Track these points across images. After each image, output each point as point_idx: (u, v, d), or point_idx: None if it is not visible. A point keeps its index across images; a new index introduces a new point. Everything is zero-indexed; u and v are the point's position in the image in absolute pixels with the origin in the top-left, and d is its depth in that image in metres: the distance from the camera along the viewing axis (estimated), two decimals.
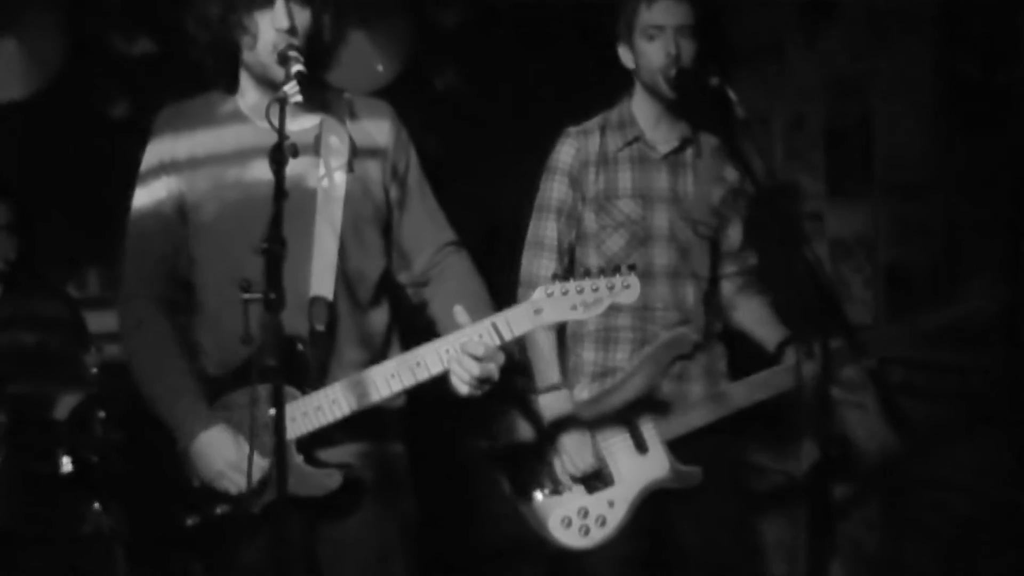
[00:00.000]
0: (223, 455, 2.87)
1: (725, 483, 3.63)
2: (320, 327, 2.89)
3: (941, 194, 4.45)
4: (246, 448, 2.80)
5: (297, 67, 2.78)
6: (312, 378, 2.88)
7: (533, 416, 3.60)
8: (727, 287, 3.75)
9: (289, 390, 2.81)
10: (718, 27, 4.80)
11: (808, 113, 5.10)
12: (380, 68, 5.22)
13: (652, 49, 3.51)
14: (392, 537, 3.05)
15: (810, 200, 5.00)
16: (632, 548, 3.57)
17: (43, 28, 5.10)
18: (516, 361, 3.38)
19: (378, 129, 3.04)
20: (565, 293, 2.80)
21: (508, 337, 2.82)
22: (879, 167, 4.74)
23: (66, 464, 4.03)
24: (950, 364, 4.35)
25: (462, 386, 2.82)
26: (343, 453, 2.94)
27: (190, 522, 2.92)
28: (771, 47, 5.29)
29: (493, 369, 2.81)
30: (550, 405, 3.55)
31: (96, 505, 4.15)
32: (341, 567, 3.00)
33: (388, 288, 3.10)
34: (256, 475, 2.74)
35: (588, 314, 2.80)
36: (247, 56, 2.90)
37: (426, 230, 3.10)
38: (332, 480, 2.88)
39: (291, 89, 2.77)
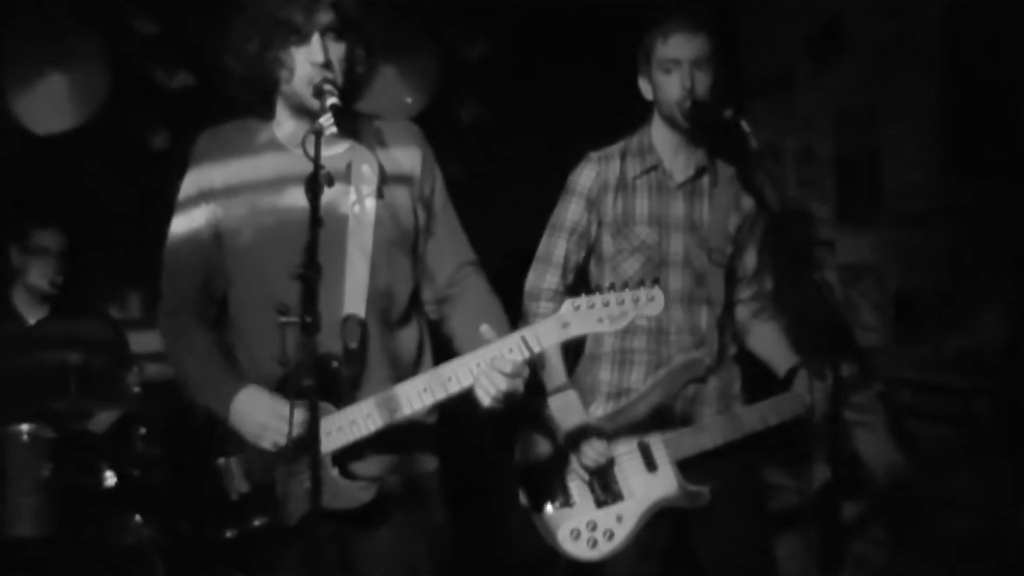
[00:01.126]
0: (261, 409, 2.86)
1: (742, 501, 3.60)
2: (353, 345, 2.90)
3: (947, 222, 4.45)
4: (282, 403, 2.81)
5: (332, 100, 2.79)
6: (345, 394, 2.89)
7: (547, 431, 3.60)
8: (742, 312, 3.75)
9: (324, 405, 2.81)
10: (733, 60, 4.82)
11: (818, 143, 5.11)
12: (408, 100, 5.26)
13: (669, 82, 3.52)
14: (422, 550, 3.04)
15: (821, 227, 5.00)
16: (649, 566, 3.58)
17: (88, 63, 5.16)
18: (532, 381, 3.39)
19: (406, 154, 3.05)
20: (592, 307, 2.81)
21: (537, 350, 2.82)
22: (887, 196, 4.75)
23: (108, 478, 4.05)
24: (955, 388, 4.35)
25: (486, 399, 2.82)
26: (376, 467, 2.95)
27: (229, 534, 2.92)
28: (781, 79, 5.30)
29: (519, 384, 2.81)
30: (560, 407, 3.55)
31: (137, 517, 4.18)
32: (378, 564, 2.98)
33: (418, 307, 3.11)
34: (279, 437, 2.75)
35: (614, 327, 2.81)
36: (284, 88, 2.92)
37: (448, 250, 3.11)
38: (366, 493, 2.89)
39: (326, 121, 2.77)
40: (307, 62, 2.85)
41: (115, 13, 5.21)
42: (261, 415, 2.87)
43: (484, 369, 2.80)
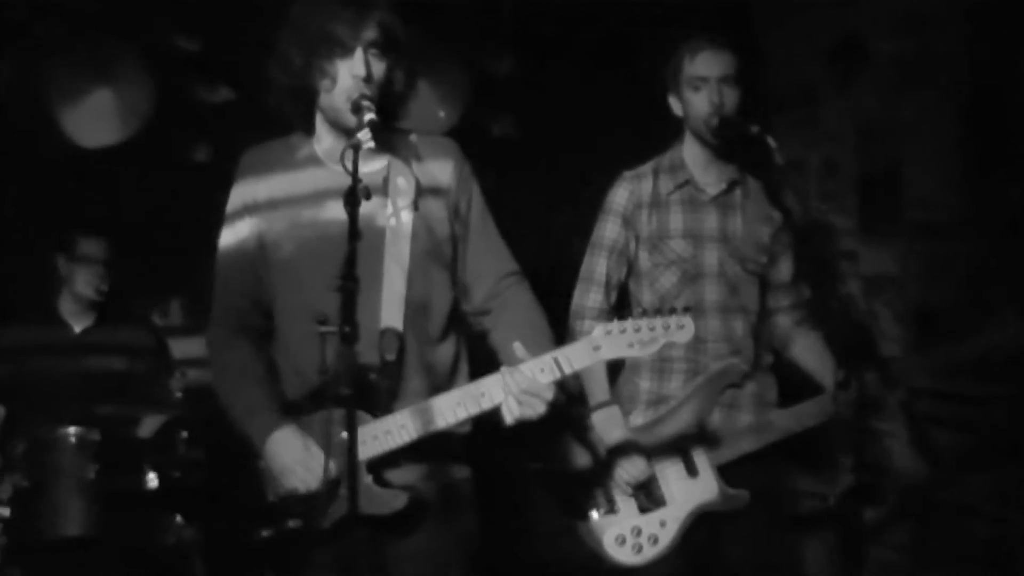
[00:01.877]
0: (292, 452, 2.89)
1: (772, 507, 3.63)
2: (390, 357, 2.92)
3: (967, 234, 4.44)
4: (315, 450, 2.85)
5: (370, 115, 2.81)
6: (382, 404, 2.91)
7: (588, 441, 3.63)
8: (784, 321, 3.75)
9: (361, 414, 2.84)
10: (757, 76, 4.82)
11: (840, 157, 5.10)
12: (441, 114, 5.29)
13: (697, 99, 3.54)
14: (453, 557, 3.04)
15: (844, 239, 4.99)
16: (683, 569, 3.58)
17: (133, 78, 5.22)
18: (573, 392, 3.41)
19: (442, 168, 3.06)
20: (623, 331, 2.82)
21: (568, 371, 2.82)
22: (909, 208, 4.74)
23: (151, 480, 4.08)
24: (973, 395, 4.33)
25: (509, 417, 2.84)
26: (410, 475, 2.96)
27: (264, 534, 2.95)
28: (804, 95, 5.30)
29: (543, 407, 2.81)
30: (602, 421, 3.59)
31: (178, 518, 4.21)
32: (413, 562, 2.98)
33: (456, 320, 3.11)
34: (325, 488, 2.78)
35: (644, 352, 2.81)
36: (323, 100, 2.94)
37: (487, 262, 3.10)
38: (398, 500, 2.91)
39: (364, 136, 2.80)
40: (349, 75, 2.86)
41: (158, 31, 5.26)
42: (288, 459, 2.89)
43: (512, 389, 2.81)
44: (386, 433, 2.88)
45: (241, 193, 3.04)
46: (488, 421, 2.95)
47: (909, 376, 3.61)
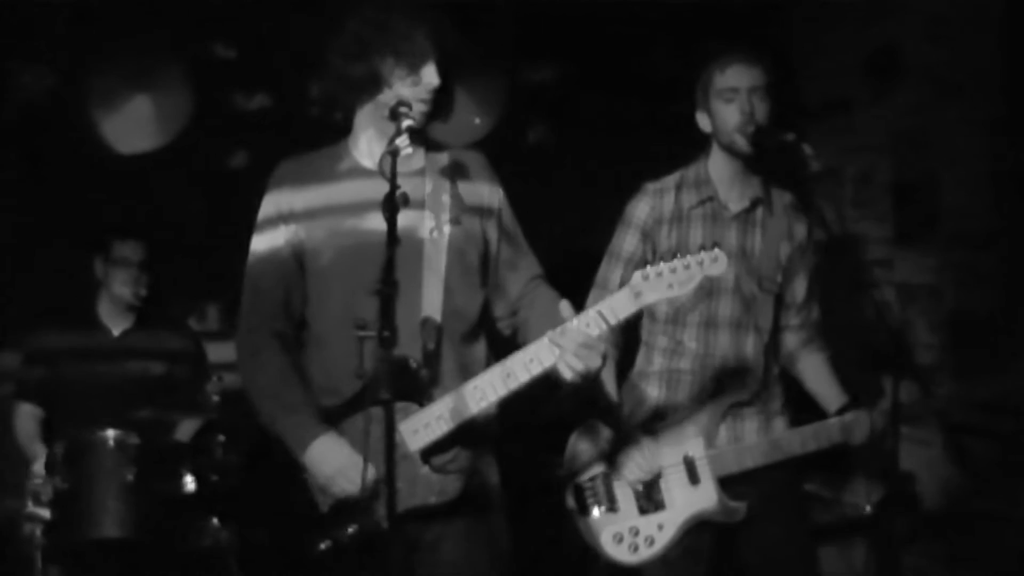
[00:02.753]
0: (334, 459, 2.90)
1: (784, 510, 3.63)
2: (431, 346, 2.94)
3: (1002, 243, 4.42)
4: (357, 457, 2.85)
5: (408, 122, 2.84)
6: (427, 393, 2.93)
7: (596, 441, 3.64)
8: (791, 339, 3.74)
9: (407, 405, 2.87)
10: (791, 86, 4.82)
11: (875, 167, 5.09)
12: (477, 121, 5.31)
13: (728, 111, 3.52)
14: (485, 563, 3.06)
15: (878, 247, 4.98)
16: (694, 572, 3.60)
17: (171, 86, 5.26)
18: (587, 395, 3.42)
19: (477, 182, 3.11)
20: (659, 275, 2.84)
21: (613, 322, 2.84)
22: (943, 218, 4.72)
23: (188, 483, 4.09)
24: (1007, 406, 4.32)
25: (568, 373, 2.83)
26: (462, 461, 2.98)
27: (323, 546, 2.94)
28: (839, 104, 5.29)
29: (598, 358, 2.82)
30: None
31: (214, 521, 4.23)
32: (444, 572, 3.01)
33: (486, 327, 3.15)
34: (369, 493, 2.79)
35: (683, 290, 2.85)
36: (371, 106, 2.97)
37: (520, 268, 3.16)
38: (454, 486, 2.92)
39: (402, 142, 2.82)
40: (411, 84, 2.90)
41: (196, 39, 5.30)
42: (332, 468, 2.89)
43: (565, 345, 2.81)
44: (437, 419, 2.90)
45: (276, 202, 3.06)
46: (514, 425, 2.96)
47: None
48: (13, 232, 5.11)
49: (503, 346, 3.12)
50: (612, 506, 3.59)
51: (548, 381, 2.90)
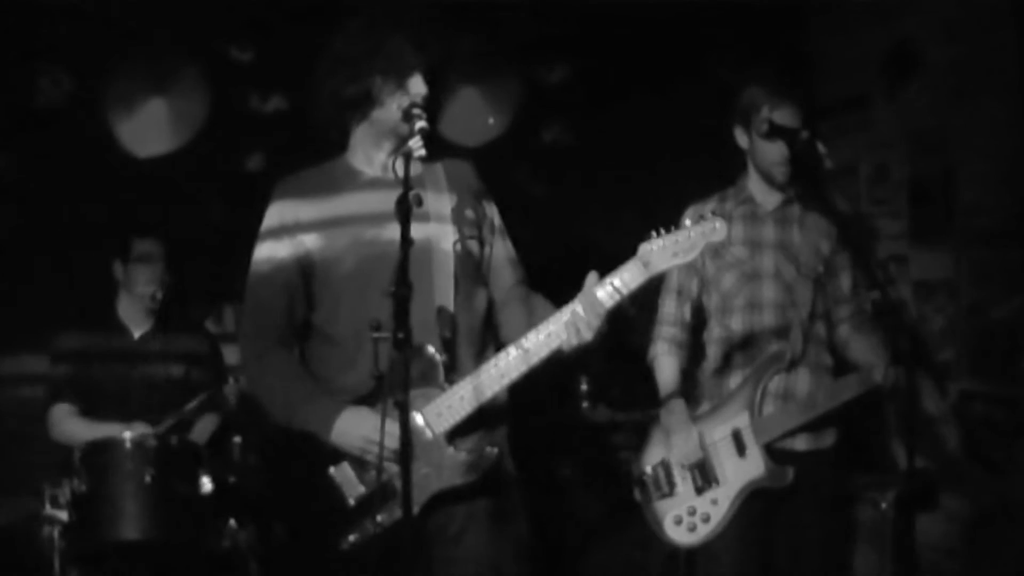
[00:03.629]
0: (363, 424, 2.91)
1: (824, 510, 3.82)
2: (447, 334, 2.99)
3: (1019, 240, 4.40)
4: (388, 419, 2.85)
5: (421, 123, 2.91)
6: (447, 377, 2.96)
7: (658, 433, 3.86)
8: (844, 330, 3.88)
9: (429, 391, 2.93)
10: (808, 84, 4.81)
11: (891, 163, 5.08)
12: (491, 120, 5.31)
13: (771, 149, 3.71)
14: (507, 556, 3.08)
15: (894, 244, 4.97)
16: (753, 556, 3.76)
17: (187, 89, 5.28)
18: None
19: (470, 192, 3.17)
20: (664, 246, 2.94)
21: (626, 293, 2.92)
22: (960, 214, 4.70)
23: (206, 484, 4.09)
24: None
25: (575, 339, 2.90)
26: (486, 440, 3.01)
27: (352, 539, 2.96)
28: (855, 101, 5.28)
29: (592, 332, 2.90)
30: (668, 411, 3.83)
31: (232, 522, 4.23)
32: (462, 571, 3.04)
33: (492, 328, 3.19)
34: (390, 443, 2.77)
35: (688, 258, 2.96)
36: (386, 115, 2.99)
37: (507, 272, 3.22)
38: (486, 461, 2.96)
39: (415, 144, 2.85)
40: (407, 94, 2.96)
41: (212, 41, 5.31)
42: (364, 432, 2.91)
43: (579, 314, 2.89)
44: (460, 399, 2.95)
45: (280, 213, 3.10)
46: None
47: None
48: (30, 235, 5.13)
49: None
50: (671, 491, 3.80)
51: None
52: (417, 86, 2.97)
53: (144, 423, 4.22)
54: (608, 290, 2.91)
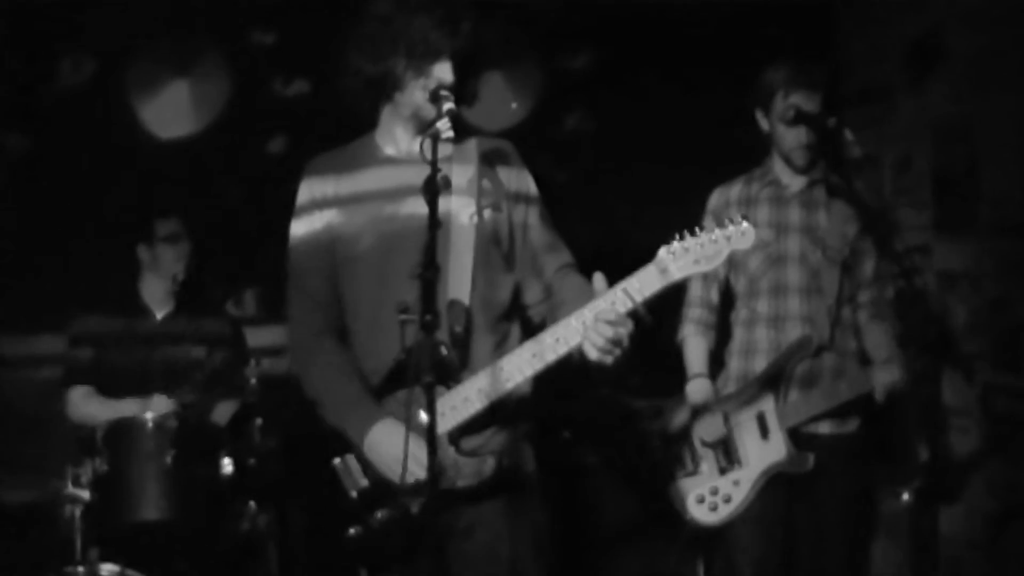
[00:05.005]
0: (394, 446, 2.85)
1: (845, 495, 3.87)
2: (459, 329, 2.93)
3: None
4: (416, 440, 2.82)
5: (448, 105, 2.86)
6: (454, 376, 2.91)
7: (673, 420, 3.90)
8: (861, 315, 3.90)
9: (437, 388, 2.78)
10: (833, 74, 4.78)
11: (915, 153, 5.05)
12: (514, 105, 5.31)
13: (791, 133, 3.75)
14: (527, 541, 3.05)
15: (918, 233, 4.95)
16: (771, 539, 3.81)
17: (209, 71, 5.28)
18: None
19: (510, 167, 3.12)
20: (687, 250, 2.77)
21: (639, 300, 2.78)
22: (984, 205, 4.67)
23: (226, 466, 4.09)
24: None
25: (593, 351, 2.79)
26: (492, 444, 2.97)
27: (352, 532, 2.94)
28: (879, 91, 5.25)
29: (623, 334, 2.78)
30: (695, 390, 3.88)
31: (252, 504, 4.24)
32: (479, 564, 3.00)
33: (517, 313, 3.14)
34: (416, 470, 2.76)
35: (710, 265, 2.79)
36: (410, 98, 2.97)
37: (549, 255, 3.13)
38: (487, 466, 2.91)
39: (443, 126, 2.83)
40: (435, 77, 2.91)
41: (234, 24, 5.30)
42: (397, 450, 2.82)
43: (589, 323, 2.78)
44: (464, 401, 2.89)
45: (310, 190, 3.09)
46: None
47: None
48: (50, 217, 5.14)
49: (533, 334, 3.10)
50: (696, 469, 3.83)
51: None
52: (444, 72, 2.91)
53: (163, 395, 4.22)
54: (620, 296, 2.78)
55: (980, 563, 4.55)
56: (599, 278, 2.82)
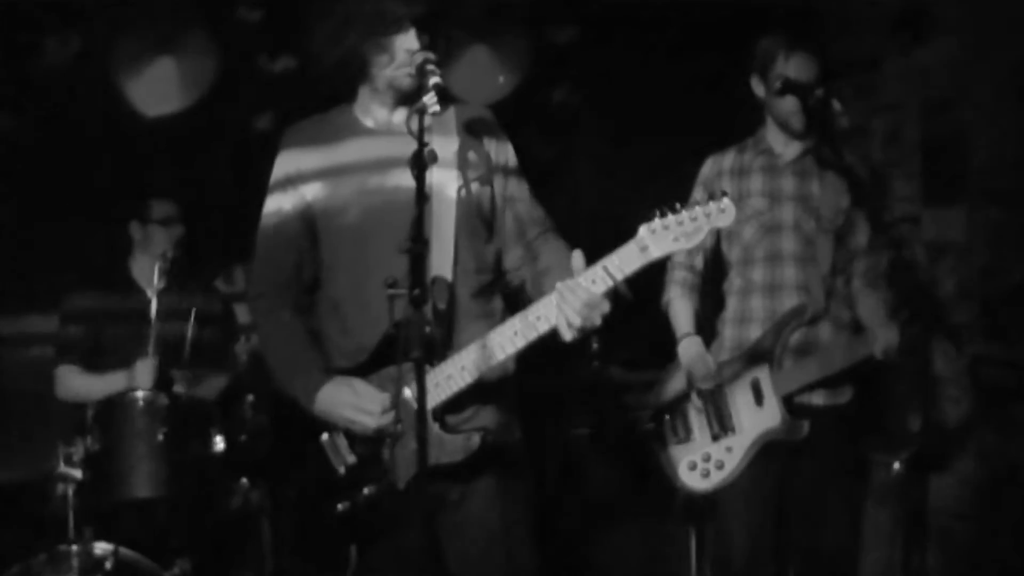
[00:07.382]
0: (344, 397, 2.92)
1: (838, 465, 3.86)
2: (441, 305, 2.94)
3: None
4: (363, 388, 2.90)
5: (435, 79, 2.83)
6: (438, 353, 2.91)
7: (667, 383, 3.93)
8: (856, 285, 3.89)
9: None
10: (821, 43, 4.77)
11: (904, 124, 5.05)
12: (501, 80, 5.29)
13: (787, 100, 3.74)
14: (515, 510, 3.08)
15: (907, 204, 4.95)
16: (762, 509, 3.82)
17: (195, 48, 5.25)
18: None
19: (486, 137, 3.12)
20: (667, 228, 2.75)
21: (619, 278, 2.77)
22: (973, 175, 4.68)
23: (218, 443, 4.10)
24: None
25: (567, 330, 2.79)
26: (478, 420, 2.99)
27: (340, 508, 2.96)
28: (868, 61, 5.24)
29: (597, 316, 2.77)
30: (685, 349, 3.89)
31: (244, 480, 4.25)
32: (468, 535, 3.03)
33: (499, 280, 3.15)
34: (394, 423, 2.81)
35: (691, 243, 2.77)
36: (378, 73, 2.97)
37: (526, 222, 3.14)
38: (471, 443, 2.91)
39: (430, 100, 2.82)
40: (403, 49, 2.93)
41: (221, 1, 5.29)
42: (342, 406, 2.91)
43: (572, 304, 2.76)
44: (447, 378, 2.90)
45: (284, 165, 3.10)
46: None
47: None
48: (38, 195, 5.12)
49: (513, 299, 3.13)
50: (688, 436, 3.86)
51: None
52: (408, 42, 2.92)
53: (146, 359, 4.22)
54: (599, 274, 2.76)
55: (970, 534, 4.58)
56: (578, 256, 2.80)
